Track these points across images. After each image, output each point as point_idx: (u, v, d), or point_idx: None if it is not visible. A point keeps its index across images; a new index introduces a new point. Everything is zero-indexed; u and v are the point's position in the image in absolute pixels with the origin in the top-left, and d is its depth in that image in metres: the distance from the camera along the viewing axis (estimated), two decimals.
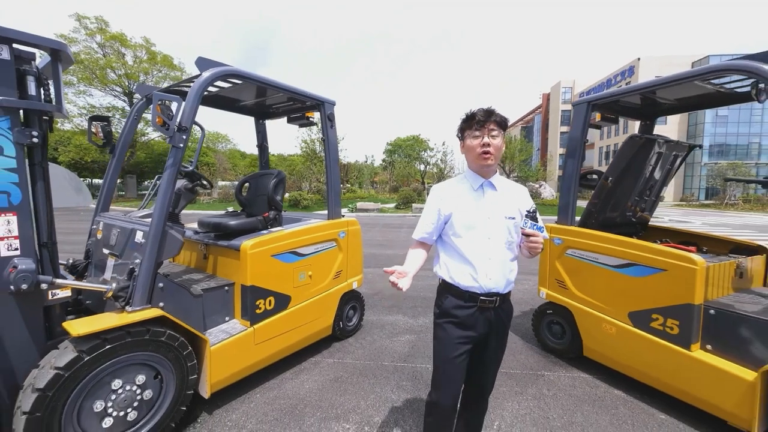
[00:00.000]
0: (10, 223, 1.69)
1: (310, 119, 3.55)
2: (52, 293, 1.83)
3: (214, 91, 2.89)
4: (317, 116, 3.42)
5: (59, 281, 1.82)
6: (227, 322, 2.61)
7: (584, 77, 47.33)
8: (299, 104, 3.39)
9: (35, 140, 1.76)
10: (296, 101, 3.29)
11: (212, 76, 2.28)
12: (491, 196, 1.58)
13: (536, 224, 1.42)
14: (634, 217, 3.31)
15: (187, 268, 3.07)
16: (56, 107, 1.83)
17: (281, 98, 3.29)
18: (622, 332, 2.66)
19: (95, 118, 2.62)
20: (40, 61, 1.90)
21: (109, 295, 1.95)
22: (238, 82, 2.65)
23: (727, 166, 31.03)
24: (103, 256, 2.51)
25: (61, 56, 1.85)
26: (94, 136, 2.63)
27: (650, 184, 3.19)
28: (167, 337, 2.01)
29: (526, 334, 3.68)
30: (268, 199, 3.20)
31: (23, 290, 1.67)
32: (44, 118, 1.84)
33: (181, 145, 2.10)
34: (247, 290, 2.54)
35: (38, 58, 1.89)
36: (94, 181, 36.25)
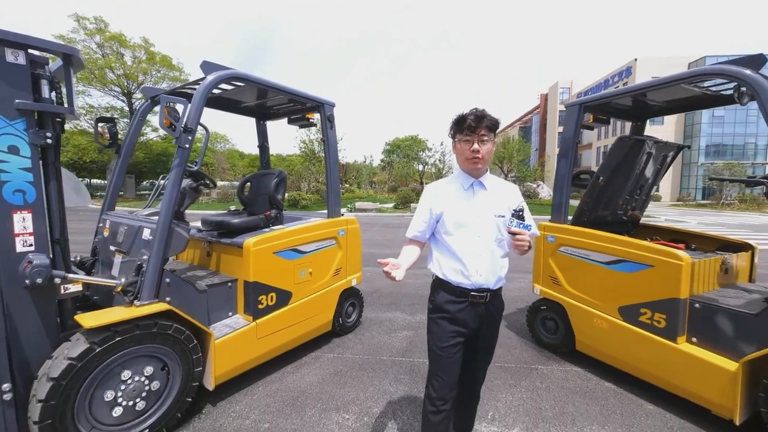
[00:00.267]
0: (25, 220, 1.77)
1: (310, 120, 3.64)
2: (64, 287, 1.91)
3: (217, 93, 2.97)
4: (317, 117, 3.51)
5: (72, 276, 1.90)
6: (230, 317, 2.69)
7: (582, 78, 47.47)
8: (299, 106, 3.47)
9: (49, 141, 1.84)
10: (297, 103, 3.38)
11: (216, 79, 2.37)
12: (481, 195, 1.63)
13: (522, 223, 1.45)
14: (625, 215, 3.40)
15: (190, 265, 3.15)
16: (68, 109, 1.91)
17: (282, 100, 3.37)
18: (612, 327, 2.75)
19: (102, 119, 2.69)
20: (52, 65, 1.97)
21: (118, 289, 2.03)
22: (240, 84, 2.74)
23: (723, 166, 31.19)
24: (109, 253, 2.59)
25: (72, 60, 1.92)
26: (100, 136, 2.70)
27: (640, 183, 3.29)
28: (174, 330, 2.09)
29: (520, 329, 3.77)
30: (269, 198, 3.28)
31: (38, 284, 1.75)
32: (57, 119, 1.92)
33: (186, 145, 2.19)
34: (249, 286, 2.62)
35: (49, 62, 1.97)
36: (92, 181, 36.25)
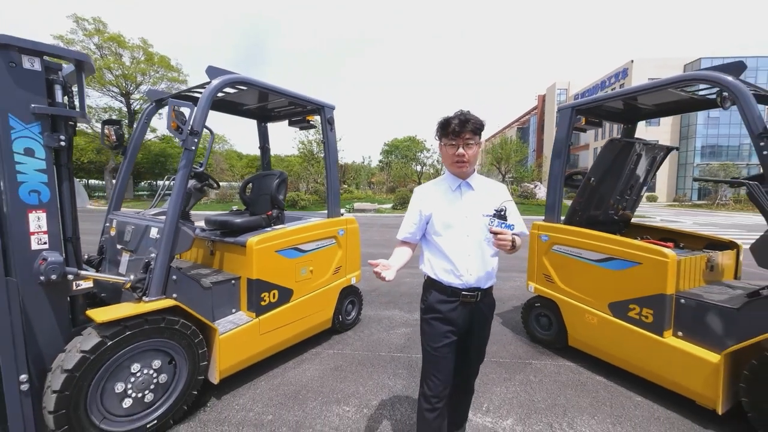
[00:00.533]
0: (40, 219, 1.85)
1: (310, 122, 3.73)
2: (76, 284, 1.99)
3: (220, 96, 3.06)
4: (317, 119, 3.60)
5: (84, 273, 1.99)
6: (234, 313, 2.78)
7: (579, 79, 47.76)
8: (300, 108, 3.57)
9: (62, 143, 1.92)
10: (298, 105, 3.47)
11: (221, 83, 2.46)
12: (469, 195, 1.67)
13: (504, 222, 1.47)
14: (616, 215, 3.51)
15: (194, 263, 3.24)
16: (80, 113, 2.00)
17: (283, 102, 3.46)
18: (603, 322, 2.85)
19: (108, 122, 2.77)
20: (64, 69, 2.06)
21: (127, 286, 2.12)
22: (244, 88, 2.82)
23: (719, 166, 31.46)
24: (116, 251, 2.67)
25: (84, 66, 2.01)
26: (107, 138, 2.78)
27: (630, 184, 3.39)
28: (180, 325, 2.17)
29: (516, 326, 3.87)
30: (271, 198, 3.37)
31: (52, 280, 1.83)
32: (69, 123, 2.00)
33: (193, 147, 2.27)
34: (252, 284, 2.71)
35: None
36: (90, 181, 36.17)
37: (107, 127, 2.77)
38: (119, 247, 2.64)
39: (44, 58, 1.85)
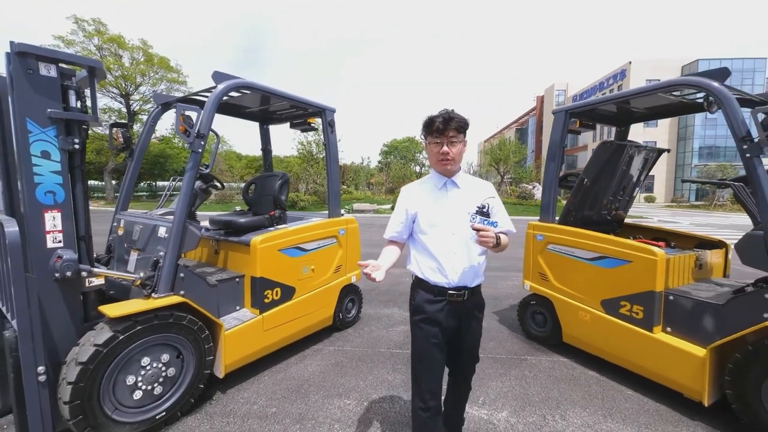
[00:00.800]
0: (55, 218, 1.94)
1: (311, 125, 3.82)
2: (88, 281, 2.08)
3: (224, 99, 3.14)
4: (318, 122, 3.69)
5: (96, 270, 2.07)
6: (238, 310, 2.86)
7: (578, 80, 47.95)
8: (302, 111, 3.66)
9: (76, 146, 2.00)
10: (299, 108, 3.56)
11: (227, 87, 2.55)
12: (454, 193, 1.66)
13: (487, 219, 1.47)
14: (609, 215, 3.60)
15: (199, 262, 3.32)
16: (92, 117, 2.08)
17: (285, 105, 3.55)
18: (595, 319, 2.95)
19: (115, 124, 2.86)
20: (77, 75, 2.14)
21: (137, 283, 2.20)
22: (248, 92, 2.91)
23: (716, 167, 31.63)
24: (124, 250, 2.75)
25: (96, 72, 2.09)
26: (114, 141, 2.87)
27: (623, 185, 3.49)
28: (188, 321, 2.26)
29: (512, 323, 3.96)
30: (273, 199, 3.46)
31: (67, 277, 1.91)
32: (83, 126, 2.08)
33: (200, 150, 2.37)
34: (256, 281, 2.80)
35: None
36: (89, 182, 36.14)
37: (114, 129, 2.86)
38: (127, 246, 2.72)
39: (59, 65, 1.94)
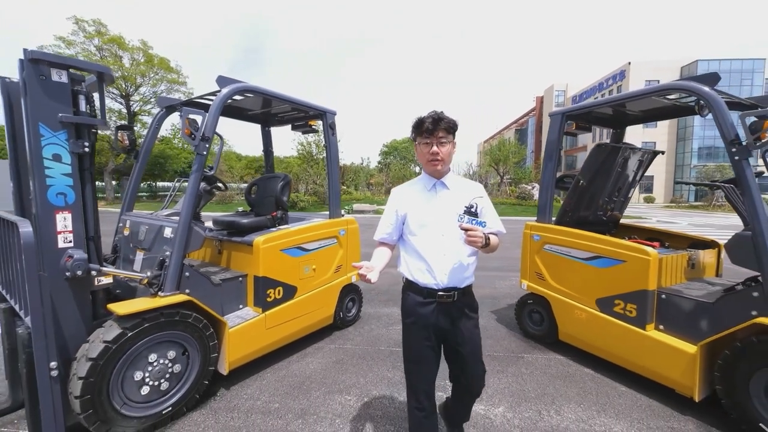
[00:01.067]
0: (66, 219, 2.00)
1: (312, 127, 3.88)
2: (97, 280, 2.14)
3: (227, 102, 3.21)
4: (319, 124, 3.76)
5: (105, 269, 2.14)
6: (241, 309, 2.93)
7: (577, 80, 48.07)
8: (303, 113, 3.72)
9: (86, 149, 2.07)
10: (300, 111, 3.63)
11: (230, 92, 2.62)
12: (444, 195, 1.67)
13: (475, 219, 1.49)
14: (604, 215, 3.67)
15: (202, 262, 3.39)
16: (101, 121, 2.15)
17: (286, 108, 3.61)
18: (590, 317, 3.02)
19: (121, 127, 2.92)
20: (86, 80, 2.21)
21: (144, 281, 2.27)
22: (250, 95, 2.98)
23: (715, 168, 31.71)
24: (130, 250, 2.82)
25: (104, 77, 2.16)
26: (120, 143, 2.93)
27: (618, 186, 3.56)
28: (193, 319, 2.33)
29: (510, 322, 4.02)
30: (275, 199, 3.53)
31: (78, 276, 1.98)
32: (92, 130, 2.15)
33: (204, 152, 2.43)
34: (259, 281, 2.86)
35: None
36: None
37: (120, 132, 2.92)
38: (132, 246, 2.79)
39: (70, 70, 2.00)
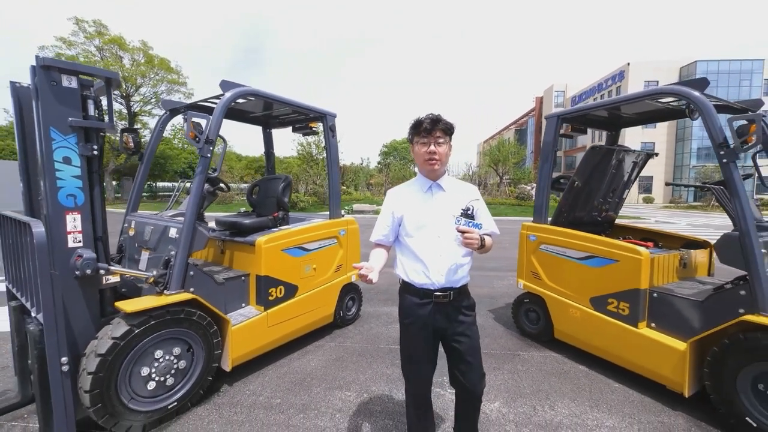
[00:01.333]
0: (75, 220, 2.07)
1: (312, 129, 3.96)
2: (105, 278, 2.21)
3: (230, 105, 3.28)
4: (319, 125, 3.83)
5: (113, 268, 2.21)
6: (243, 307, 3.00)
7: (576, 81, 48.13)
8: (304, 116, 3.79)
9: (95, 152, 2.14)
10: (301, 113, 3.69)
11: (233, 95, 2.69)
12: (440, 196, 1.70)
13: (471, 221, 1.51)
14: (599, 216, 3.75)
15: (205, 261, 3.46)
16: (109, 125, 2.22)
17: (287, 110, 3.68)
18: (585, 315, 3.09)
19: (126, 130, 2.99)
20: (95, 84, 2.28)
21: (151, 280, 2.34)
22: (252, 99, 3.05)
23: (714, 168, 31.76)
24: (135, 250, 2.89)
25: (112, 82, 2.23)
26: (125, 145, 3.00)
27: (612, 187, 3.63)
28: (198, 316, 2.40)
29: (507, 321, 4.10)
30: (277, 200, 3.60)
31: (87, 275, 2.05)
32: (100, 133, 2.22)
33: (208, 155, 2.50)
34: (261, 280, 2.93)
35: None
36: None
37: (125, 134, 2.99)
38: (138, 245, 2.86)
39: (79, 76, 2.07)
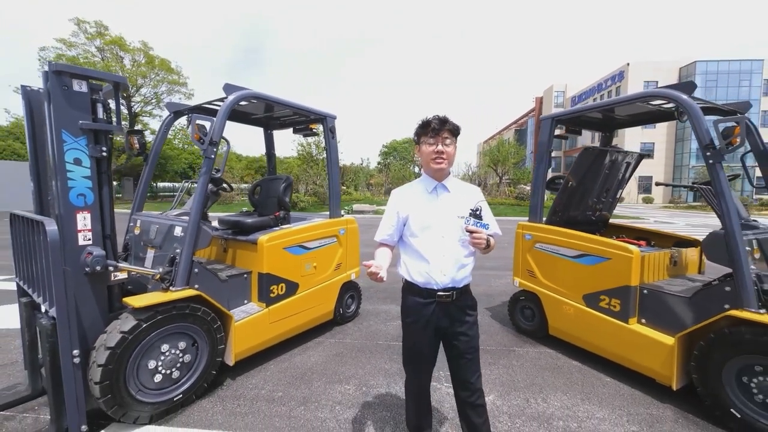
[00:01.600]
0: (85, 218, 2.16)
1: (313, 130, 4.04)
2: (114, 275, 2.29)
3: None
4: (320, 127, 3.91)
5: (121, 265, 2.29)
6: (246, 304, 3.09)
7: (576, 81, 48.20)
8: (304, 118, 3.88)
9: (104, 154, 2.22)
10: (302, 115, 3.78)
11: (236, 98, 2.78)
12: (445, 197, 1.71)
13: (480, 222, 1.53)
14: (593, 215, 3.83)
15: (208, 260, 3.54)
16: (117, 127, 2.30)
17: (288, 112, 3.77)
18: (578, 312, 3.17)
19: (132, 131, 3.07)
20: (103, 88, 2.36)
21: (157, 277, 2.42)
22: (254, 101, 3.14)
23: None
24: (140, 248, 2.97)
25: (120, 86, 2.31)
26: (131, 146, 3.09)
27: (606, 187, 3.72)
28: (202, 312, 2.48)
29: (503, 318, 4.18)
30: (278, 200, 3.69)
31: (96, 271, 2.13)
32: (109, 135, 2.30)
33: (212, 156, 2.59)
34: (263, 277, 3.02)
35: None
36: None
37: (131, 136, 3.08)
38: (143, 244, 2.94)
39: (89, 81, 2.16)
